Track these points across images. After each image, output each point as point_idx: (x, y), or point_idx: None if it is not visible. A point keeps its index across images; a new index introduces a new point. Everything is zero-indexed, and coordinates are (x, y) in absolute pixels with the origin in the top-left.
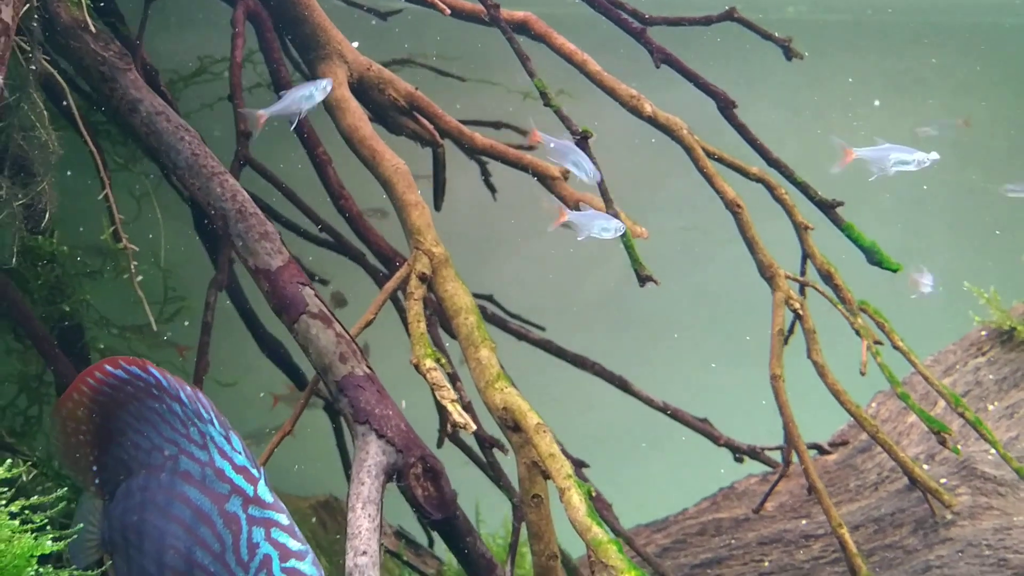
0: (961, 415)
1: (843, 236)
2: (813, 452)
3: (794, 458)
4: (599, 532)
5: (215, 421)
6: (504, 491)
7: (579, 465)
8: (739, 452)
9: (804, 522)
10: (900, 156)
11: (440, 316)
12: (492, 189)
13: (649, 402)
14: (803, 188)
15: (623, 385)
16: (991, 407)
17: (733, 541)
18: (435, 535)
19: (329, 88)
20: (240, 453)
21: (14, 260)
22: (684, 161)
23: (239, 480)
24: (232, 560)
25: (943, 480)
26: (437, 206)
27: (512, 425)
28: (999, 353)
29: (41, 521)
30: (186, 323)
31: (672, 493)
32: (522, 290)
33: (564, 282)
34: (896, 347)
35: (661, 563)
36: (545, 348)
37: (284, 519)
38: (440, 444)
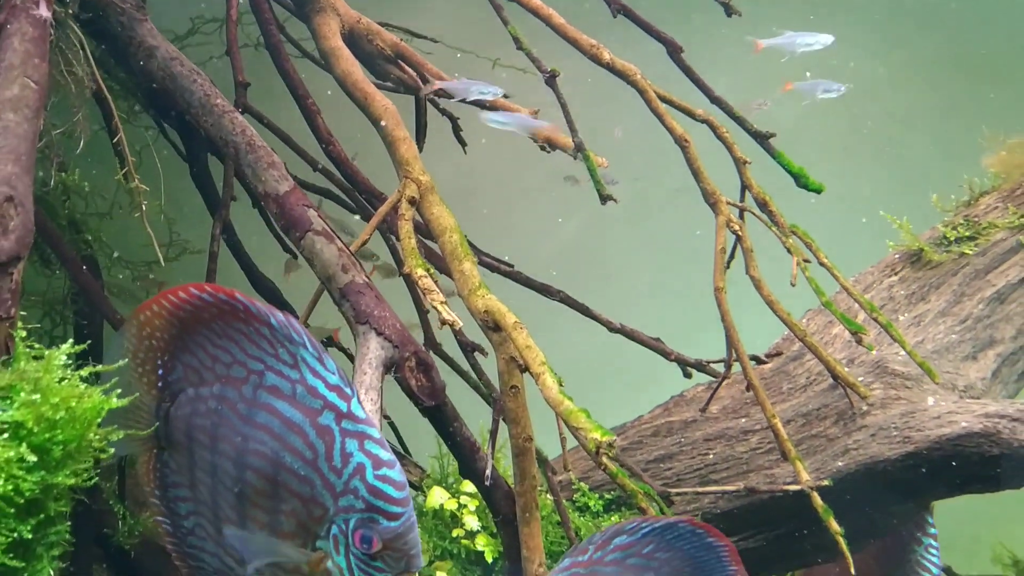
0: (875, 320)
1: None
2: (751, 362)
3: (735, 367)
4: (569, 404)
5: (308, 344)
6: (484, 389)
7: None
8: (688, 365)
9: (743, 420)
10: (806, 40)
11: (424, 250)
12: (462, 143)
13: (608, 324)
14: (740, 121)
15: (585, 311)
16: (902, 318)
17: (682, 439)
18: (416, 463)
19: (499, 94)
20: (333, 373)
21: (52, 183)
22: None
23: (332, 396)
24: (325, 466)
25: (860, 378)
26: (419, 147)
27: (493, 326)
28: (909, 272)
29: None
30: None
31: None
32: (489, 241)
33: (529, 232)
34: (821, 263)
35: (621, 459)
36: (514, 278)
37: (376, 433)
38: None
